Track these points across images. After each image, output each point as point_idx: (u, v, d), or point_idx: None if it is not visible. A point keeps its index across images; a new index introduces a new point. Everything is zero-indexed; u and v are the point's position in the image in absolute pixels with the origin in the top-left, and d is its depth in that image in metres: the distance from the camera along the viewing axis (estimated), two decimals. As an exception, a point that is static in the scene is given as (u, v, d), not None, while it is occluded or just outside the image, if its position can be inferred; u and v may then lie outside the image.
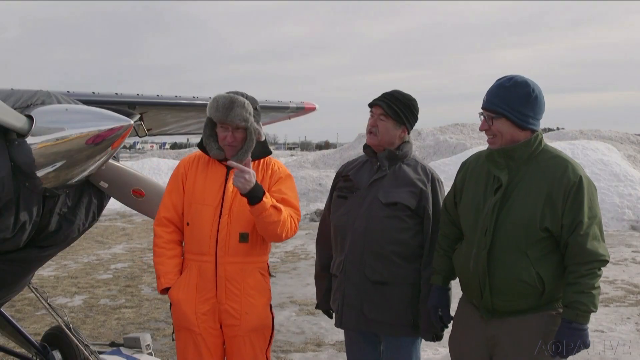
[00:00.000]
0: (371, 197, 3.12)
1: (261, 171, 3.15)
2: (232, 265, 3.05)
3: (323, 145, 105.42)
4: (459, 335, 2.88)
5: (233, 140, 3.04)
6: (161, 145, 76.99)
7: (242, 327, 3.07)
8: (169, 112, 4.79)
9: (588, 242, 2.53)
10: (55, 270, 9.28)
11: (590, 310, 2.53)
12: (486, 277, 2.64)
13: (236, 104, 2.99)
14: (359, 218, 3.11)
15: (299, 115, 5.97)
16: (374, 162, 3.22)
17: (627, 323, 6.44)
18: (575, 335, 2.52)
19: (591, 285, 2.53)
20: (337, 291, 3.19)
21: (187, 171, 3.18)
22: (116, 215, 16.27)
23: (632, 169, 15.56)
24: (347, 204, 3.19)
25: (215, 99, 3.04)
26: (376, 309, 3.08)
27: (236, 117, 2.98)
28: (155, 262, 3.18)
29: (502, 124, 2.65)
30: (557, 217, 2.57)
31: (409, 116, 3.20)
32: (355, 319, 3.12)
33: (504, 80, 2.69)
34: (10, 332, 4.26)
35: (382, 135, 3.15)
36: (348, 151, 24.45)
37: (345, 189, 3.23)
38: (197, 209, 3.09)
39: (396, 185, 3.13)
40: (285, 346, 5.66)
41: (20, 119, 2.73)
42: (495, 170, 2.70)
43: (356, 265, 3.10)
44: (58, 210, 3.07)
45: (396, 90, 3.23)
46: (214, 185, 3.10)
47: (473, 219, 2.73)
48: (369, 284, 3.08)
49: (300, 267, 9.59)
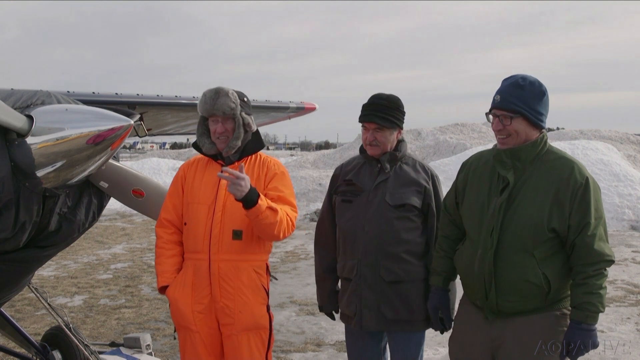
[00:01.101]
0: (378, 200, 3.16)
1: (257, 168, 3.17)
2: (226, 262, 3.06)
3: (323, 145, 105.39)
4: (460, 336, 2.87)
5: (223, 131, 3.10)
6: (161, 145, 77.04)
7: (236, 325, 3.07)
8: (169, 112, 4.79)
9: (595, 243, 2.54)
10: (55, 270, 9.28)
11: (599, 311, 2.54)
12: (492, 277, 2.63)
13: (221, 94, 3.09)
14: (368, 221, 3.15)
15: (299, 115, 5.98)
16: (374, 164, 3.25)
17: (627, 323, 6.44)
18: (586, 335, 2.52)
19: (599, 285, 2.53)
20: (352, 294, 3.20)
21: (186, 173, 3.24)
22: (116, 215, 16.27)
23: (632, 169, 15.56)
24: (352, 208, 3.22)
25: (202, 94, 3.15)
26: (393, 308, 3.13)
27: (222, 106, 3.07)
28: (155, 262, 3.23)
29: (519, 123, 2.64)
30: (564, 217, 2.57)
31: (399, 117, 3.24)
32: (375, 320, 3.15)
33: (517, 79, 2.67)
34: (10, 332, 4.26)
35: (383, 145, 3.21)
36: (348, 151, 24.44)
37: (349, 193, 3.25)
38: (193, 209, 3.13)
39: (400, 185, 3.18)
40: (285, 346, 5.66)
41: (20, 119, 2.73)
42: (501, 171, 2.68)
43: (371, 268, 3.13)
44: (58, 210, 3.07)
45: (376, 96, 3.23)
46: (208, 184, 3.14)
47: (477, 219, 2.72)
48: (385, 285, 3.13)
49: (300, 267, 9.59)
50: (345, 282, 3.27)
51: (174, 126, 5.64)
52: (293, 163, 25.36)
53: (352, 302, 3.20)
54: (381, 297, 3.13)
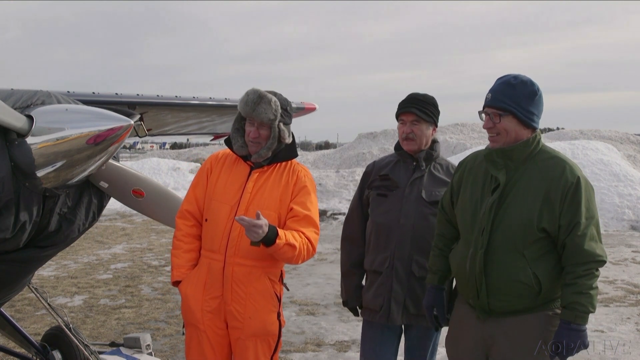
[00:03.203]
0: (414, 196, 3.22)
1: (286, 174, 3.13)
2: (240, 267, 3.01)
3: (323, 145, 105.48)
4: (455, 335, 2.88)
5: (257, 136, 3.04)
6: (161, 145, 76.97)
7: (245, 330, 3.03)
8: (169, 112, 4.79)
9: (585, 243, 2.53)
10: (55, 270, 9.28)
11: (589, 311, 2.52)
12: (482, 277, 2.64)
13: (263, 100, 3.00)
14: (404, 215, 3.21)
15: (299, 115, 5.98)
16: (409, 162, 3.31)
17: (627, 323, 6.44)
18: (575, 336, 2.51)
19: (589, 285, 2.52)
20: (380, 287, 3.24)
21: (214, 167, 3.19)
22: (116, 215, 16.26)
23: (632, 169, 15.55)
24: (387, 202, 3.27)
25: (246, 93, 3.06)
26: (417, 303, 3.18)
27: (261, 114, 2.99)
28: (172, 253, 3.19)
29: (508, 121, 2.66)
30: (555, 217, 2.57)
31: (436, 113, 3.33)
32: (402, 314, 3.21)
33: (509, 78, 2.70)
34: (10, 332, 4.26)
35: (419, 139, 3.27)
36: (348, 151, 24.45)
37: (384, 187, 3.31)
38: (215, 206, 3.09)
39: (434, 184, 3.26)
40: (285, 346, 5.65)
41: (20, 119, 2.73)
42: (493, 170, 2.70)
43: (404, 262, 3.19)
44: (58, 210, 3.07)
45: (413, 93, 3.34)
46: (234, 184, 3.10)
47: (470, 218, 2.74)
48: (414, 279, 3.19)
49: (300, 267, 9.57)
50: (373, 276, 3.30)
51: (174, 126, 5.64)
52: (293, 163, 25.30)
53: (379, 294, 3.23)
54: (408, 291, 3.18)
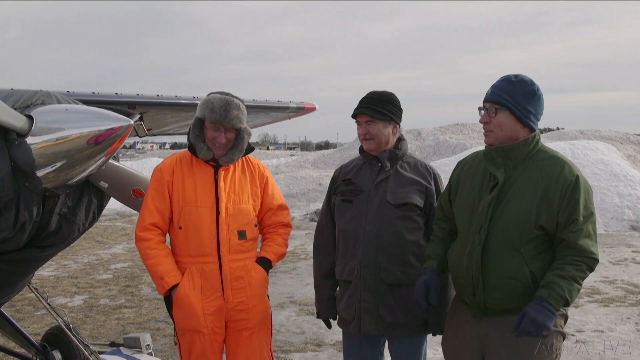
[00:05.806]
0: (379, 199, 3.11)
1: (247, 168, 3.28)
2: (236, 262, 3.14)
3: (323, 145, 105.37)
4: (452, 334, 2.88)
5: (227, 141, 3.12)
6: (161, 145, 76.97)
7: (252, 319, 3.18)
8: (169, 112, 4.78)
9: (580, 239, 2.53)
10: (55, 270, 9.28)
11: (565, 298, 2.47)
12: (479, 274, 2.65)
13: (232, 106, 3.08)
14: (369, 221, 3.09)
15: (299, 115, 5.97)
16: (374, 163, 3.20)
17: (627, 323, 6.44)
18: (542, 314, 2.44)
19: (573, 275, 2.49)
20: (351, 297, 3.12)
21: (172, 175, 3.17)
22: (116, 215, 16.27)
23: (632, 169, 15.55)
24: (353, 208, 3.16)
25: (209, 100, 3.10)
26: (392, 312, 3.06)
27: (234, 119, 3.09)
28: (151, 264, 3.12)
29: (504, 116, 2.67)
30: (553, 214, 2.57)
31: (393, 110, 3.18)
32: (375, 324, 3.08)
33: (510, 76, 2.74)
34: (10, 332, 4.26)
35: (377, 138, 3.16)
36: (348, 151, 24.43)
37: (348, 193, 3.20)
38: (191, 212, 3.10)
39: (401, 184, 3.13)
40: (285, 346, 5.66)
41: (20, 119, 2.73)
42: (492, 168, 2.71)
43: (371, 269, 3.07)
44: (58, 210, 3.07)
45: (370, 92, 3.24)
46: (205, 186, 3.14)
47: (468, 216, 2.74)
48: (385, 287, 3.06)
49: (300, 267, 9.59)
50: (344, 285, 3.19)
51: (174, 126, 5.63)
52: (293, 163, 25.34)
53: (350, 305, 3.12)
54: (380, 300, 3.06)
